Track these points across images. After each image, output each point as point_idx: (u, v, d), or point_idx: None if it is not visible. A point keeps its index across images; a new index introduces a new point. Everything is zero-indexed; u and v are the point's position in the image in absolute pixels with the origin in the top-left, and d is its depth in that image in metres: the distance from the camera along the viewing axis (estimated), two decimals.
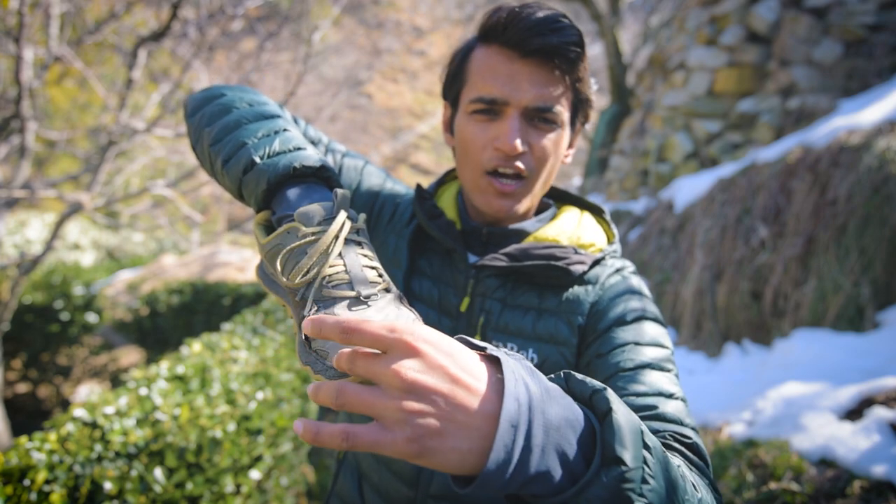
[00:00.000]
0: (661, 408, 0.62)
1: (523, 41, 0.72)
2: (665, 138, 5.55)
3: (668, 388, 0.66)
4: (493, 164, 0.76)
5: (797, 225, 3.04)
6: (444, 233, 0.82)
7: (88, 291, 5.26)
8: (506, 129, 0.74)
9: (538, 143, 0.76)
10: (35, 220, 9.42)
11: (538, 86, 0.74)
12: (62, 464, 1.42)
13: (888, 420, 1.82)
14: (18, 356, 4.82)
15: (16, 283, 3.25)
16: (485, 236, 0.84)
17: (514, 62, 0.74)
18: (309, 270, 0.55)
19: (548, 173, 0.81)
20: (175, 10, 2.84)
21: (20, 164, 3.12)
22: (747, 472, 1.87)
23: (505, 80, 0.74)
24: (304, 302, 0.55)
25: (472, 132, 0.77)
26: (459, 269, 0.83)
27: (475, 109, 0.76)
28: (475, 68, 0.77)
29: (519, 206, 0.80)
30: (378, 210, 0.90)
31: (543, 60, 0.73)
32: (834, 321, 2.66)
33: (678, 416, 0.62)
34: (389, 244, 0.88)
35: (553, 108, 0.75)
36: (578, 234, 0.84)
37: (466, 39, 0.83)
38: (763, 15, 4.77)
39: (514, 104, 0.74)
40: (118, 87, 5.88)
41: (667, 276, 3.86)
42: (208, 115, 0.72)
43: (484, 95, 0.75)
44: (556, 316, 0.79)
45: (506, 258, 0.80)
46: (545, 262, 0.78)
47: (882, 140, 2.90)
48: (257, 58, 3.69)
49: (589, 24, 8.74)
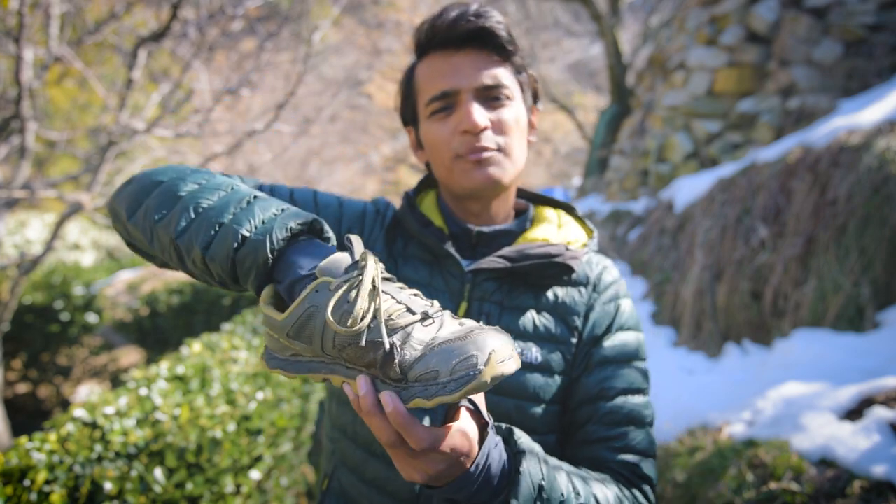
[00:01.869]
0: (632, 437, 0.77)
1: (451, 34, 0.78)
2: (665, 138, 5.55)
3: (642, 413, 0.79)
4: (463, 148, 0.79)
5: (797, 225, 3.04)
6: (438, 239, 0.83)
7: (88, 292, 5.26)
8: (465, 112, 0.78)
9: (498, 117, 0.80)
10: (35, 220, 9.42)
11: (482, 69, 0.79)
12: (62, 464, 1.42)
13: (888, 420, 1.82)
14: (18, 356, 4.82)
15: (16, 283, 3.25)
16: (474, 238, 0.85)
17: (452, 57, 0.79)
18: (367, 311, 0.53)
19: (518, 148, 0.83)
20: (175, 10, 2.84)
21: (20, 164, 3.12)
22: (747, 472, 1.87)
23: (450, 72, 0.79)
24: (374, 343, 0.53)
25: (436, 130, 0.80)
26: (453, 275, 0.83)
27: (433, 111, 0.80)
28: (421, 79, 0.82)
29: (499, 171, 0.80)
30: (347, 233, 0.89)
31: (478, 47, 0.79)
32: (834, 321, 2.66)
33: (635, 443, 0.77)
34: None
35: (501, 84, 0.80)
36: (565, 232, 0.87)
37: (408, 67, 0.87)
38: (763, 15, 4.77)
39: (465, 89, 0.79)
40: (118, 87, 5.89)
41: (667, 276, 3.86)
42: (154, 207, 0.64)
43: (435, 93, 0.79)
44: (554, 315, 0.82)
45: (503, 260, 0.81)
46: (546, 261, 0.80)
47: (882, 140, 2.90)
48: (257, 58, 3.69)
49: (589, 24, 8.74)
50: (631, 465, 0.75)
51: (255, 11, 4.82)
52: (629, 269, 4.44)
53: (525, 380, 0.78)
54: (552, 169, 18.69)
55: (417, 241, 0.87)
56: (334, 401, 0.88)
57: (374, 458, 0.81)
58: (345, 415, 0.85)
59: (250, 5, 3.34)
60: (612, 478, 0.73)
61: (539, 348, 0.79)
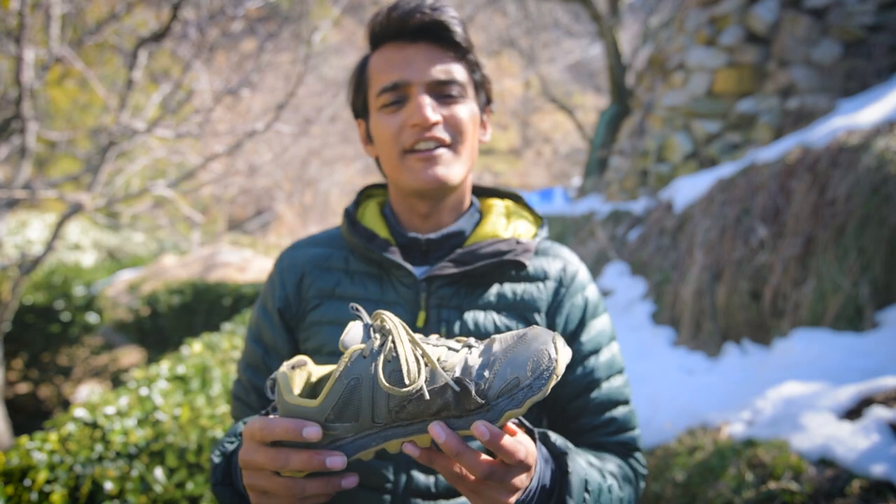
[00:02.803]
0: (620, 417, 0.82)
1: (406, 26, 0.77)
2: (664, 138, 5.55)
3: (623, 393, 0.84)
4: (411, 141, 0.77)
5: (796, 225, 3.04)
6: (386, 251, 0.81)
7: (89, 292, 5.26)
8: (416, 105, 0.76)
9: (451, 113, 0.78)
10: (36, 220, 9.43)
11: (435, 62, 0.77)
12: (63, 464, 1.42)
13: (887, 420, 1.83)
14: (19, 356, 4.83)
15: (17, 283, 3.25)
16: (423, 245, 0.84)
17: (405, 48, 0.78)
18: (419, 363, 0.53)
19: (470, 145, 0.81)
20: (175, 10, 2.84)
21: (21, 164, 3.12)
22: (747, 471, 1.87)
23: (402, 64, 0.77)
24: (439, 389, 0.52)
25: (386, 122, 0.79)
26: (406, 285, 0.81)
27: (383, 103, 0.79)
28: (373, 69, 0.81)
29: (447, 170, 0.78)
30: (295, 312, 0.87)
31: (432, 41, 0.78)
32: (833, 321, 2.67)
33: (624, 421, 0.82)
34: (324, 301, 0.85)
35: (454, 79, 0.78)
36: (514, 225, 0.86)
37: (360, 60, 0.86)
38: (762, 15, 4.78)
39: (417, 82, 0.77)
40: (119, 87, 5.89)
41: (666, 276, 3.87)
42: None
43: (386, 84, 0.78)
44: (514, 312, 0.81)
45: (454, 264, 0.80)
46: (497, 260, 0.79)
47: (881, 140, 2.91)
48: (257, 58, 3.70)
49: (588, 24, 8.74)
50: (624, 442, 0.82)
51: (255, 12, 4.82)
52: (629, 269, 4.44)
53: None
54: (552, 169, 18.69)
55: (361, 257, 0.85)
56: None
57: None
58: None
59: (250, 6, 3.34)
60: (609, 453, 0.81)
61: None
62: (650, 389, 2.85)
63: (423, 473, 0.77)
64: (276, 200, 12.27)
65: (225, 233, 11.67)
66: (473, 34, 0.84)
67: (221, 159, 6.31)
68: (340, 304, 0.82)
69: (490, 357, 0.54)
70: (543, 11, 11.78)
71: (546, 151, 19.34)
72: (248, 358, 0.89)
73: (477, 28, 12.07)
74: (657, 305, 3.82)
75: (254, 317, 0.91)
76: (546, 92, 12.12)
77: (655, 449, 2.41)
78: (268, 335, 0.87)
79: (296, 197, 12.29)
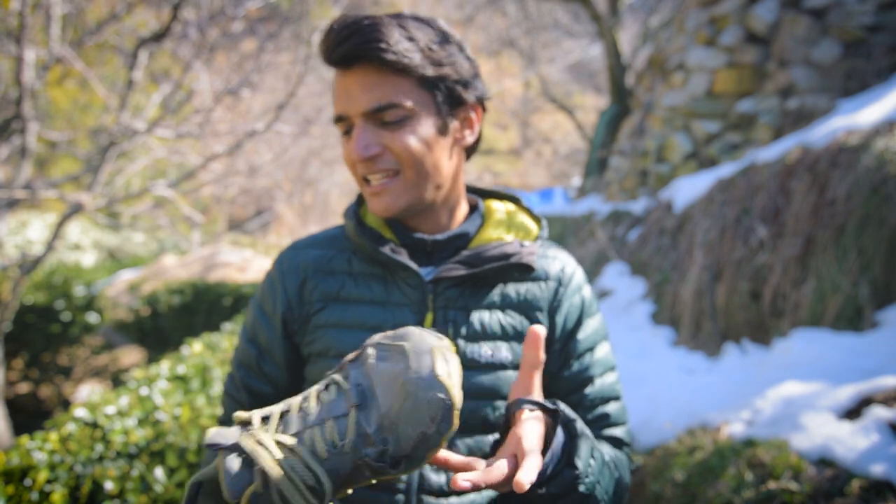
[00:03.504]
0: (612, 413, 0.86)
1: (332, 56, 0.75)
2: (664, 139, 5.55)
3: (616, 389, 0.87)
4: (361, 172, 0.78)
5: (796, 225, 3.04)
6: (394, 253, 0.81)
7: (89, 292, 5.27)
8: (352, 142, 0.77)
9: (393, 140, 0.76)
10: (36, 220, 9.43)
11: (369, 89, 0.75)
12: (63, 463, 1.42)
13: (887, 420, 1.83)
14: (20, 356, 4.83)
15: (17, 283, 3.26)
16: (429, 246, 0.84)
17: (344, 77, 0.77)
18: (314, 472, 0.50)
19: (426, 164, 0.78)
20: (176, 11, 2.85)
21: (21, 164, 3.13)
22: (746, 471, 1.87)
23: (342, 96, 0.77)
24: (354, 470, 0.52)
25: (344, 151, 0.80)
26: (412, 286, 0.81)
27: (341, 130, 0.80)
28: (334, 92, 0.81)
29: (395, 200, 0.78)
30: (298, 315, 0.86)
31: (364, 65, 0.74)
32: (833, 321, 2.67)
33: (616, 417, 0.86)
34: (329, 303, 0.84)
35: (391, 102, 0.75)
36: (517, 227, 0.88)
37: None
38: (762, 15, 4.78)
39: (354, 114, 0.76)
40: (119, 87, 5.89)
41: (666, 277, 3.87)
42: None
43: (334, 115, 0.79)
44: (519, 312, 0.83)
45: (462, 266, 0.81)
46: (503, 263, 0.81)
47: (881, 140, 2.91)
48: (258, 59, 3.70)
49: (588, 24, 8.75)
50: (615, 437, 0.85)
51: (255, 12, 4.83)
52: (629, 269, 4.44)
53: (499, 379, 0.80)
54: (552, 169, 18.69)
55: (364, 258, 0.85)
56: None
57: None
58: None
59: (251, 6, 3.34)
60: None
61: (509, 347, 0.81)
62: (650, 389, 2.85)
63: (435, 473, 0.79)
64: (277, 200, 12.27)
65: (225, 233, 11.68)
66: (473, 34, 0.81)
67: (221, 159, 6.31)
68: (346, 306, 0.83)
69: (386, 410, 0.52)
70: (543, 12, 11.79)
71: (546, 151, 19.35)
72: (241, 356, 0.89)
73: (477, 28, 12.07)
74: (657, 305, 3.82)
75: (250, 316, 0.90)
76: (546, 92, 12.12)
77: (655, 449, 2.41)
78: (263, 337, 0.87)
79: (296, 197, 12.29)
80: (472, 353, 0.79)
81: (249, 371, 0.88)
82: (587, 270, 4.85)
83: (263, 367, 0.87)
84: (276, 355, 0.86)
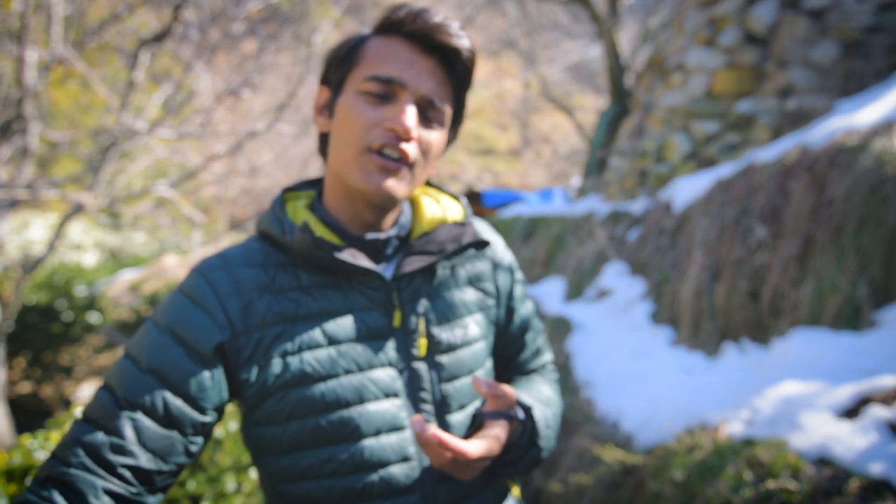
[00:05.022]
0: (541, 344, 1.02)
1: (427, 36, 0.74)
2: (664, 139, 5.56)
3: (538, 324, 1.01)
4: (380, 142, 0.73)
5: (795, 225, 3.05)
6: (352, 258, 0.76)
7: (91, 291, 5.28)
8: (402, 110, 0.73)
9: (425, 135, 0.76)
10: (38, 220, 9.44)
11: (435, 80, 0.76)
12: None
13: (886, 419, 1.84)
14: (21, 356, 4.84)
15: (19, 283, 3.27)
16: (381, 244, 0.81)
17: (414, 52, 0.75)
18: None
19: (428, 169, 0.80)
20: (177, 11, 2.86)
21: (23, 164, 3.14)
22: (745, 471, 1.88)
23: (405, 64, 0.74)
24: None
25: (361, 109, 0.74)
26: (374, 288, 0.78)
27: (367, 90, 0.74)
28: (371, 52, 0.76)
29: (398, 186, 0.75)
30: (244, 345, 0.73)
31: (442, 61, 0.76)
32: (832, 321, 2.67)
33: (543, 346, 1.03)
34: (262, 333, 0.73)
35: (443, 104, 0.77)
36: (445, 207, 0.90)
37: (357, 33, 0.81)
38: (761, 16, 4.79)
39: (411, 90, 0.74)
40: (120, 88, 5.90)
41: (665, 276, 3.88)
42: None
43: (381, 74, 0.73)
44: (472, 285, 0.89)
45: (423, 256, 0.80)
46: (468, 244, 0.85)
47: (879, 141, 2.92)
48: (258, 59, 3.71)
49: (588, 25, 8.75)
50: (544, 363, 1.03)
51: (256, 13, 4.84)
52: (628, 269, 4.45)
53: (475, 353, 0.86)
54: (552, 169, 18.69)
55: (311, 268, 0.77)
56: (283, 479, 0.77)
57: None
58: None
59: (251, 7, 3.35)
60: (538, 376, 1.01)
61: (473, 321, 0.87)
62: (649, 389, 2.86)
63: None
64: None
65: (226, 233, 11.67)
66: (473, 35, 0.83)
67: (222, 160, 6.32)
68: (310, 324, 0.75)
69: None
70: (543, 12, 11.79)
71: (546, 152, 19.35)
72: (129, 394, 0.66)
73: (477, 29, 12.07)
74: (656, 305, 3.83)
75: (148, 345, 0.70)
76: (546, 92, 12.13)
77: (654, 448, 2.42)
78: (175, 367, 0.68)
79: None
80: (448, 338, 0.83)
81: (145, 410, 0.66)
82: (587, 270, 4.86)
83: (171, 406, 0.67)
84: (192, 393, 0.68)
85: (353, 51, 0.78)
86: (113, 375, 0.69)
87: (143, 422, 0.66)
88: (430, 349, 0.81)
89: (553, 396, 0.95)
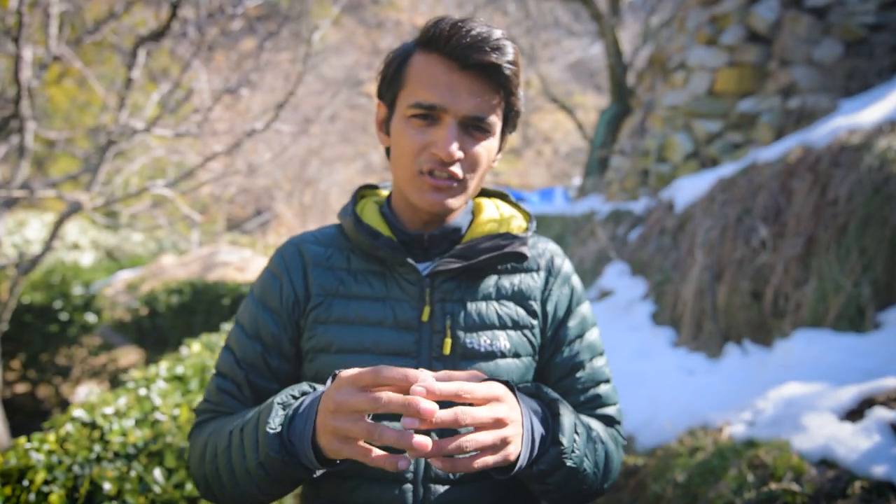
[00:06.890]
0: (603, 394, 0.91)
1: (464, 55, 0.76)
2: (665, 138, 5.54)
3: (605, 372, 0.92)
4: (428, 166, 0.79)
5: (797, 225, 3.03)
6: (392, 249, 0.84)
7: (87, 291, 5.26)
8: (444, 136, 0.77)
9: (472, 149, 0.80)
10: (34, 219, 9.42)
11: (475, 96, 0.78)
12: (61, 464, 1.41)
13: (888, 420, 1.82)
14: (17, 356, 4.82)
15: (15, 283, 3.24)
16: (426, 241, 0.87)
17: (453, 72, 0.77)
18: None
19: (479, 177, 0.84)
20: (174, 9, 2.83)
21: (19, 163, 3.11)
22: (748, 472, 1.86)
23: (444, 88, 0.77)
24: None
25: (410, 135, 0.79)
26: (410, 281, 0.84)
27: (413, 114, 0.79)
28: (414, 74, 0.80)
29: (452, 201, 0.82)
30: (303, 307, 0.86)
31: (482, 74, 0.78)
32: (834, 321, 2.66)
33: (607, 397, 0.91)
34: (330, 297, 0.85)
35: (488, 117, 0.79)
36: (507, 220, 0.91)
37: (404, 43, 0.84)
38: (763, 15, 4.77)
39: (453, 112, 0.77)
40: (117, 86, 5.88)
41: (667, 276, 3.86)
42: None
43: (423, 101, 0.77)
44: (514, 301, 0.87)
45: (458, 259, 0.84)
46: (499, 253, 0.84)
47: (882, 140, 2.90)
48: (257, 57, 3.69)
49: (589, 23, 8.73)
50: (607, 417, 0.90)
51: (254, 11, 4.81)
52: (629, 269, 4.43)
53: (497, 368, 0.84)
54: (552, 169, 18.69)
55: (363, 255, 0.87)
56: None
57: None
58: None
59: (250, 4, 3.33)
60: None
61: (506, 336, 0.85)
62: (650, 390, 2.85)
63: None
64: (276, 200, 12.26)
65: (224, 232, 11.66)
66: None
67: (221, 159, 6.30)
68: (346, 302, 0.84)
69: None
70: (544, 10, 11.78)
71: (546, 151, 19.35)
72: (244, 355, 0.86)
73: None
74: (658, 305, 3.82)
75: (249, 314, 0.89)
76: (546, 91, 12.11)
77: (656, 449, 2.40)
78: (268, 333, 0.86)
79: (295, 196, 12.28)
80: (471, 343, 0.82)
81: (255, 368, 0.86)
82: (588, 270, 4.84)
83: (271, 363, 0.86)
84: (285, 349, 0.86)
85: (399, 69, 0.82)
86: (230, 338, 0.89)
87: (252, 374, 0.86)
88: (454, 350, 0.82)
89: (600, 433, 0.83)
